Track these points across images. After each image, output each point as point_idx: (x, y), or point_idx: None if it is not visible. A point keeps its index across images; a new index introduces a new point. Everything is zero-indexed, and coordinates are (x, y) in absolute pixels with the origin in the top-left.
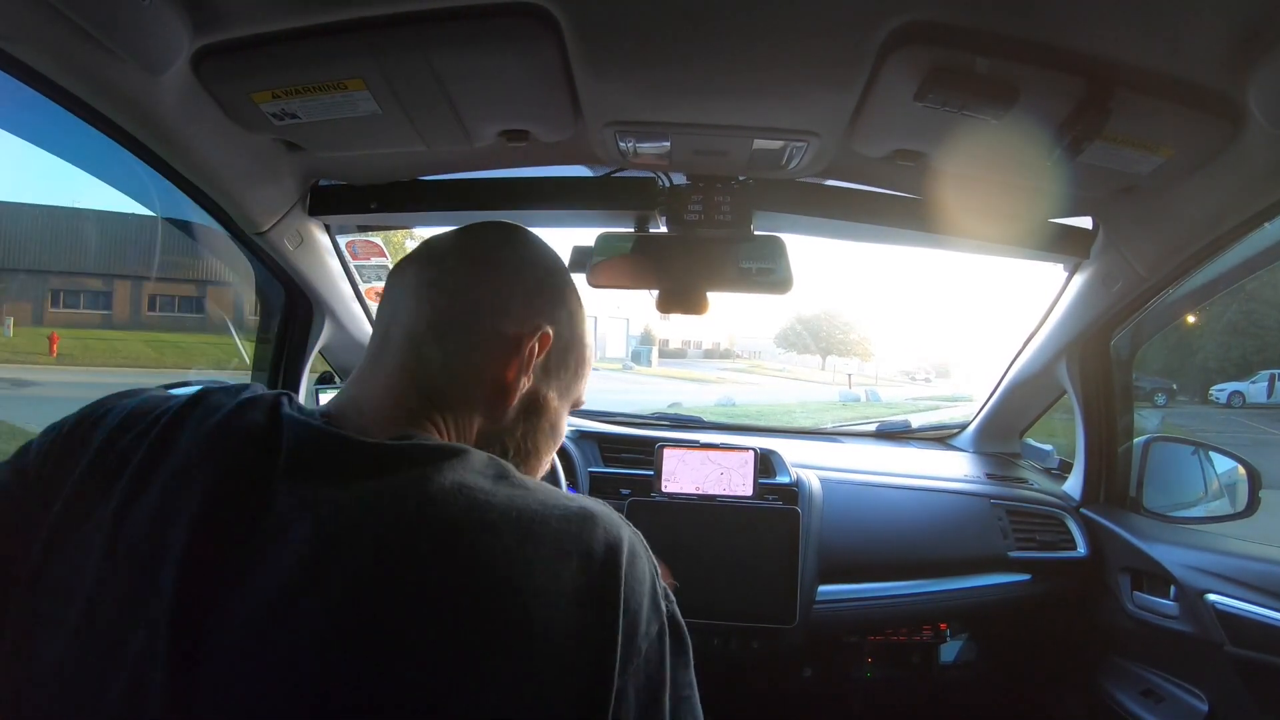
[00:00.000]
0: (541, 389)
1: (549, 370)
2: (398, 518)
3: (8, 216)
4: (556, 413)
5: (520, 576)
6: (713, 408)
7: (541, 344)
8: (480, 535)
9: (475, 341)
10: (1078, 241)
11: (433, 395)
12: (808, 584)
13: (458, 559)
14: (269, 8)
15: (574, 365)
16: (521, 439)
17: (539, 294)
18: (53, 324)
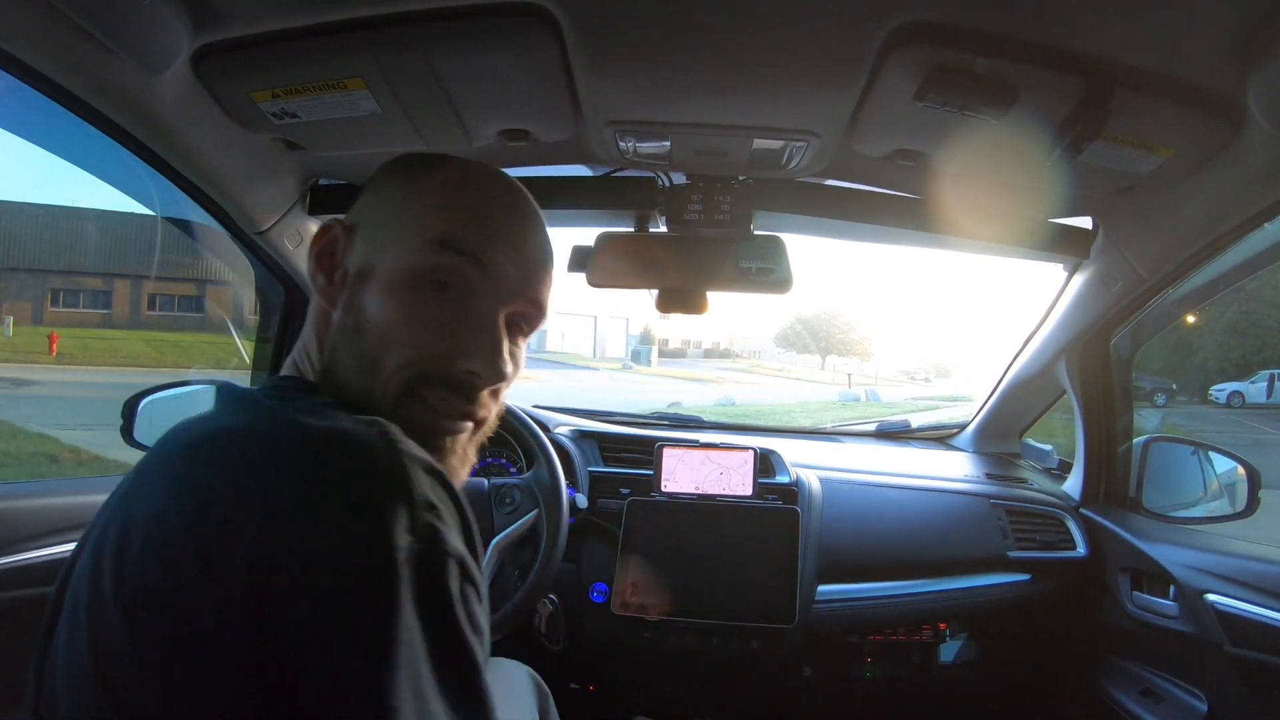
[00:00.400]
0: (362, 263)
1: (362, 255)
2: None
3: (8, 216)
4: (390, 273)
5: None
6: (712, 407)
7: (329, 237)
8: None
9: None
10: (1078, 241)
11: (302, 334)
12: (807, 584)
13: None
14: (269, 7)
15: (398, 229)
16: (346, 327)
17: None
18: (53, 323)
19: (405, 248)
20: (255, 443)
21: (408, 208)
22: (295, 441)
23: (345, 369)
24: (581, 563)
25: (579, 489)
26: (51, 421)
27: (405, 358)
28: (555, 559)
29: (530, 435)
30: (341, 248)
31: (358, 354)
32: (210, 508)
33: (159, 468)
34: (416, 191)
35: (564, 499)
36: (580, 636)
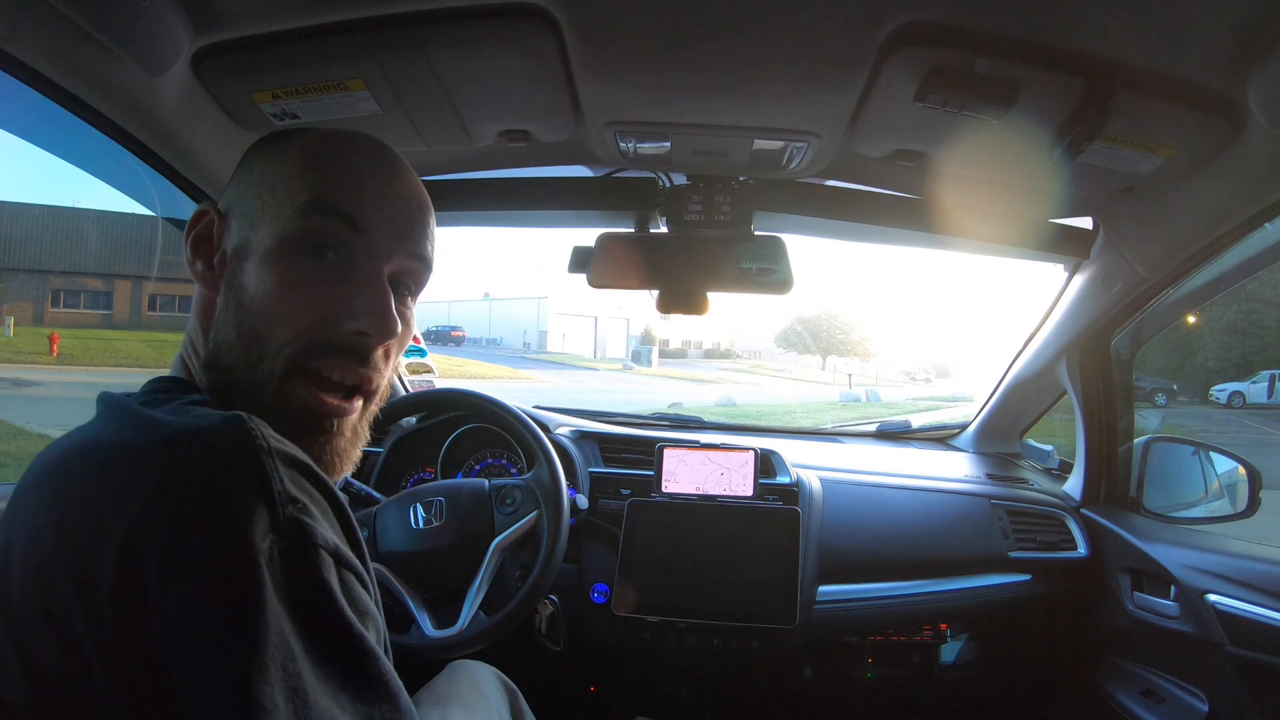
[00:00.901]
0: (238, 243)
1: (238, 234)
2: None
3: (8, 216)
4: (267, 245)
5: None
6: (713, 408)
7: (204, 223)
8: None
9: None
10: (1078, 242)
11: (188, 326)
12: (808, 584)
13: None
14: (269, 8)
15: (268, 200)
16: (228, 306)
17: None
18: (53, 324)
19: (277, 218)
20: (116, 452)
21: (275, 179)
22: (153, 444)
23: (231, 351)
24: (582, 563)
25: (579, 489)
26: (52, 422)
27: (292, 330)
28: (556, 559)
29: (530, 436)
30: (217, 231)
31: (243, 333)
32: (78, 525)
33: (32, 486)
34: (280, 162)
35: (564, 499)
36: (581, 637)
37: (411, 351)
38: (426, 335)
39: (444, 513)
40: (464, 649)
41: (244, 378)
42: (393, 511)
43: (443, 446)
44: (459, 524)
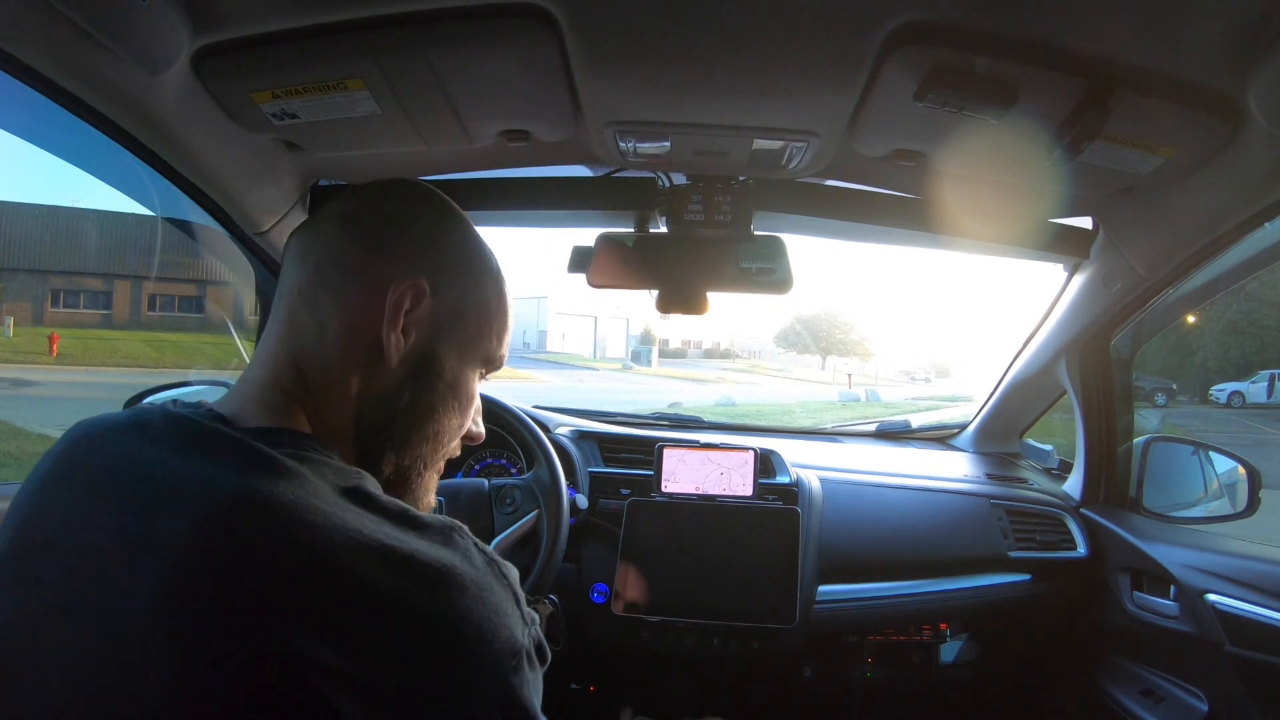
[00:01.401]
0: (431, 346)
1: (438, 326)
2: (219, 514)
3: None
4: (455, 373)
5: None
6: (713, 408)
7: (414, 296)
8: (282, 560)
9: (343, 299)
10: (1077, 241)
11: (307, 366)
12: (808, 584)
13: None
14: (269, 8)
15: (474, 322)
16: (411, 401)
17: (413, 242)
18: (53, 324)
19: (474, 357)
20: (396, 568)
21: (484, 323)
22: (427, 569)
23: (410, 441)
24: (582, 563)
25: (579, 489)
26: (52, 422)
27: (455, 440)
28: (555, 559)
29: (530, 436)
30: (417, 312)
31: (427, 435)
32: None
33: (193, 538)
34: (489, 309)
35: (564, 499)
36: (581, 637)
37: None
38: None
39: (443, 512)
40: None
41: (408, 467)
42: None
43: None
44: None
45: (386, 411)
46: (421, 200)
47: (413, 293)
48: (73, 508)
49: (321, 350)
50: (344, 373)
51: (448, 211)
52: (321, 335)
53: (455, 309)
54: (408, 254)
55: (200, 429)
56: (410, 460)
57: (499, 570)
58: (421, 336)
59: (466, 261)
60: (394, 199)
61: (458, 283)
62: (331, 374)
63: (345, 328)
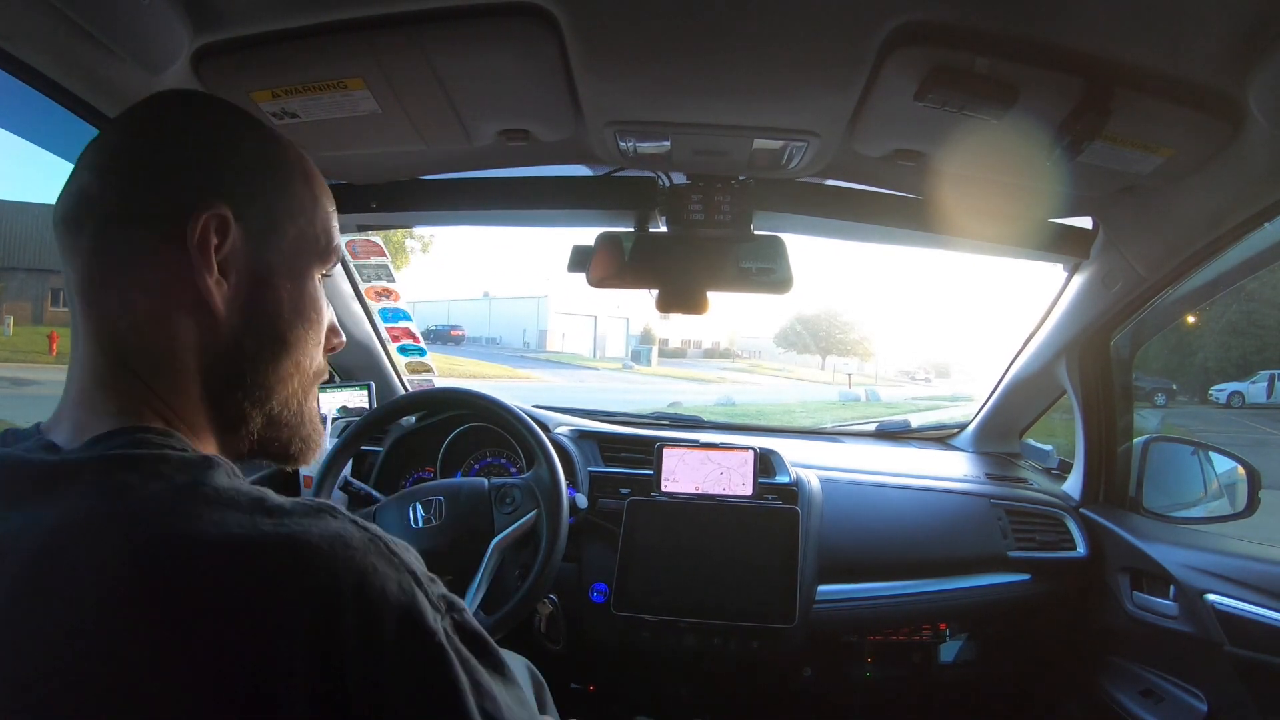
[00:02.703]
0: (258, 274)
1: (257, 249)
2: (38, 555)
3: (8, 216)
4: (293, 292)
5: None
6: (713, 407)
7: (219, 230)
8: (146, 580)
9: (138, 263)
10: (1077, 241)
11: (127, 355)
12: (807, 584)
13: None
14: (269, 7)
15: (295, 228)
16: (258, 344)
17: (196, 167)
18: (53, 323)
19: (307, 252)
20: (251, 561)
21: (299, 210)
22: (310, 545)
23: (271, 378)
24: (582, 563)
25: (579, 489)
26: None
27: (319, 352)
28: (555, 559)
29: (530, 435)
30: (229, 239)
31: (287, 362)
32: (229, 636)
33: (114, 589)
34: (298, 192)
35: (564, 499)
36: (580, 636)
37: (411, 351)
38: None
39: (443, 512)
40: None
41: (283, 407)
42: (392, 511)
43: (442, 446)
44: (458, 523)
45: (235, 367)
46: (188, 112)
47: (216, 224)
48: None
49: (135, 328)
50: (169, 344)
51: (223, 115)
52: (130, 312)
53: (268, 222)
54: (192, 181)
55: (14, 464)
56: (280, 404)
57: (385, 547)
58: (242, 269)
59: (262, 164)
60: (156, 122)
61: (260, 192)
62: (154, 351)
63: (152, 293)
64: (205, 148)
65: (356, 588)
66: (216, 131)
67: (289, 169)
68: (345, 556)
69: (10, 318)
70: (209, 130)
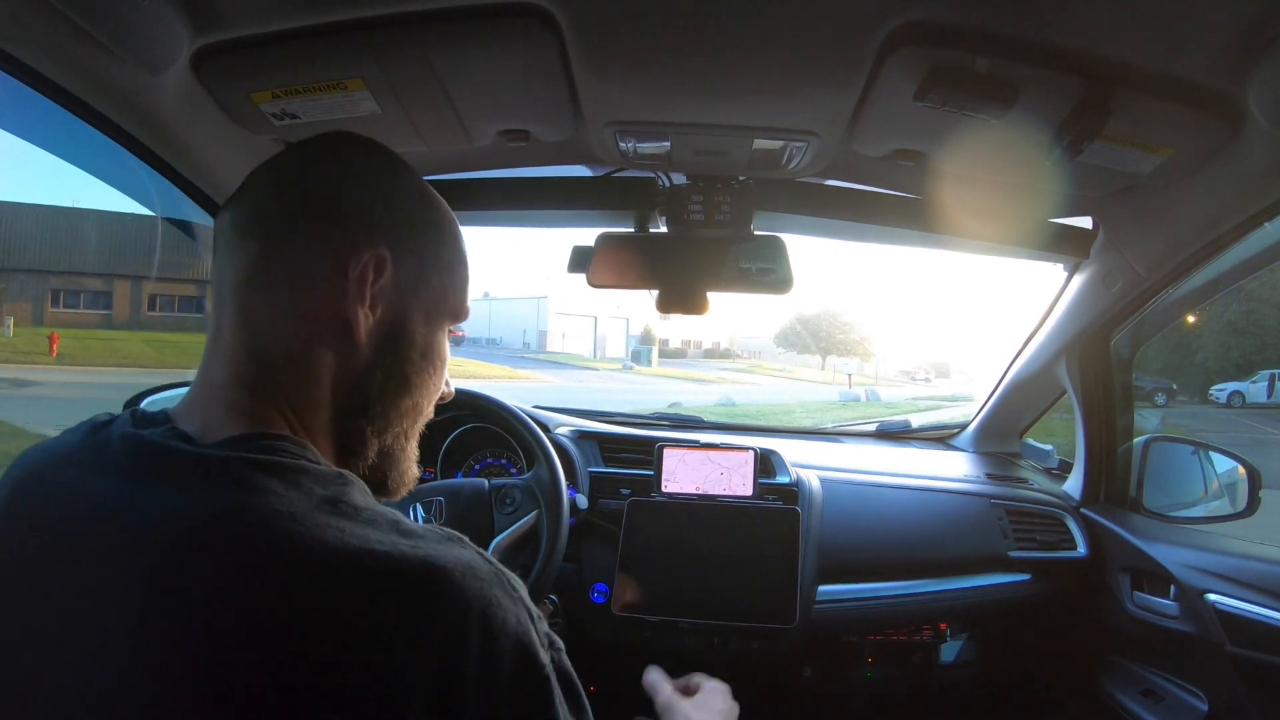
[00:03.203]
0: (400, 315)
1: (404, 293)
2: (182, 542)
3: (8, 216)
4: (426, 338)
5: (327, 643)
6: (713, 408)
7: (377, 268)
8: (282, 583)
9: (299, 280)
10: (1077, 241)
11: (270, 358)
12: (807, 584)
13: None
14: (269, 7)
15: (438, 282)
16: (385, 377)
17: (367, 208)
18: (53, 324)
19: (442, 313)
20: (409, 569)
21: (446, 274)
22: (441, 568)
23: (390, 416)
24: (582, 563)
25: (579, 489)
26: (52, 422)
27: (434, 402)
28: (555, 559)
29: (530, 435)
30: (384, 278)
31: (407, 405)
32: (361, 645)
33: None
34: (449, 256)
35: (564, 499)
36: (580, 637)
37: None
38: None
39: (444, 513)
40: None
41: (395, 443)
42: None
43: (442, 446)
44: (458, 524)
45: (362, 393)
46: (365, 156)
47: (375, 263)
48: (24, 562)
49: (284, 339)
50: (312, 359)
51: (395, 165)
52: (282, 322)
53: (417, 271)
54: (362, 220)
55: (158, 449)
56: (393, 438)
57: (507, 582)
58: (387, 307)
59: (422, 219)
60: (335, 158)
61: (417, 244)
62: (298, 363)
63: (306, 311)
64: (378, 193)
65: (482, 616)
66: (388, 181)
67: (445, 228)
68: (474, 585)
69: (10, 318)
70: (380, 178)
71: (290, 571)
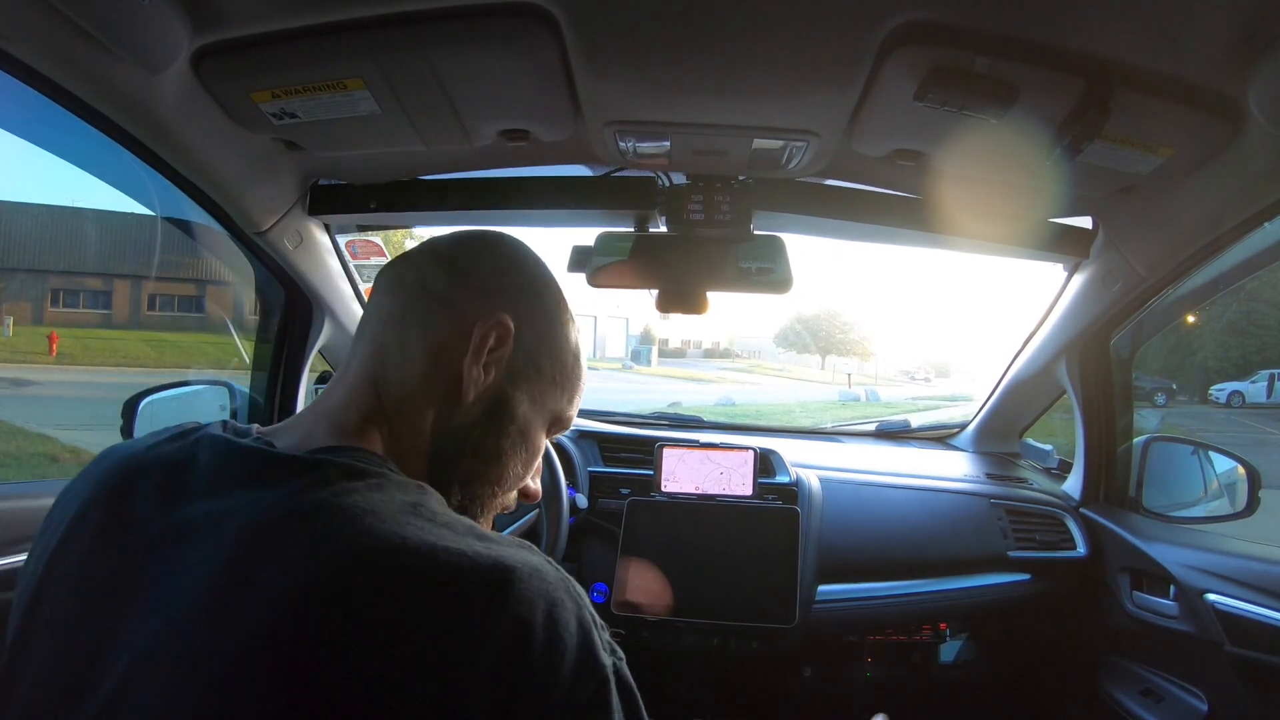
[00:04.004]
0: (507, 389)
1: (515, 370)
2: (258, 531)
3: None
4: (526, 420)
5: (394, 634)
6: (712, 407)
7: (499, 335)
8: (358, 572)
9: (429, 329)
10: (1077, 241)
11: (386, 389)
12: (807, 584)
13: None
14: (269, 7)
15: (549, 372)
16: (481, 438)
17: (502, 285)
18: (52, 323)
19: (546, 410)
20: (479, 572)
21: (558, 381)
22: (510, 571)
23: (475, 480)
24: (581, 563)
25: (579, 489)
26: (51, 422)
27: (515, 488)
28: (555, 559)
29: None
30: (501, 352)
31: (492, 476)
32: (429, 641)
33: (317, 573)
34: (565, 368)
35: (564, 499)
36: None
37: None
38: None
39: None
40: None
41: (467, 504)
42: None
43: None
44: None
45: (458, 446)
46: (514, 250)
47: (498, 331)
48: (130, 560)
49: (402, 375)
50: (422, 400)
51: (540, 268)
52: (405, 360)
53: (533, 357)
54: (497, 296)
55: (252, 453)
56: (470, 500)
57: (572, 587)
58: (500, 377)
59: (550, 316)
60: (490, 246)
61: (540, 333)
62: (409, 400)
63: (428, 356)
64: (509, 267)
65: (547, 616)
66: (532, 273)
67: (568, 337)
68: (542, 587)
69: (10, 318)
70: (525, 267)
71: (372, 559)
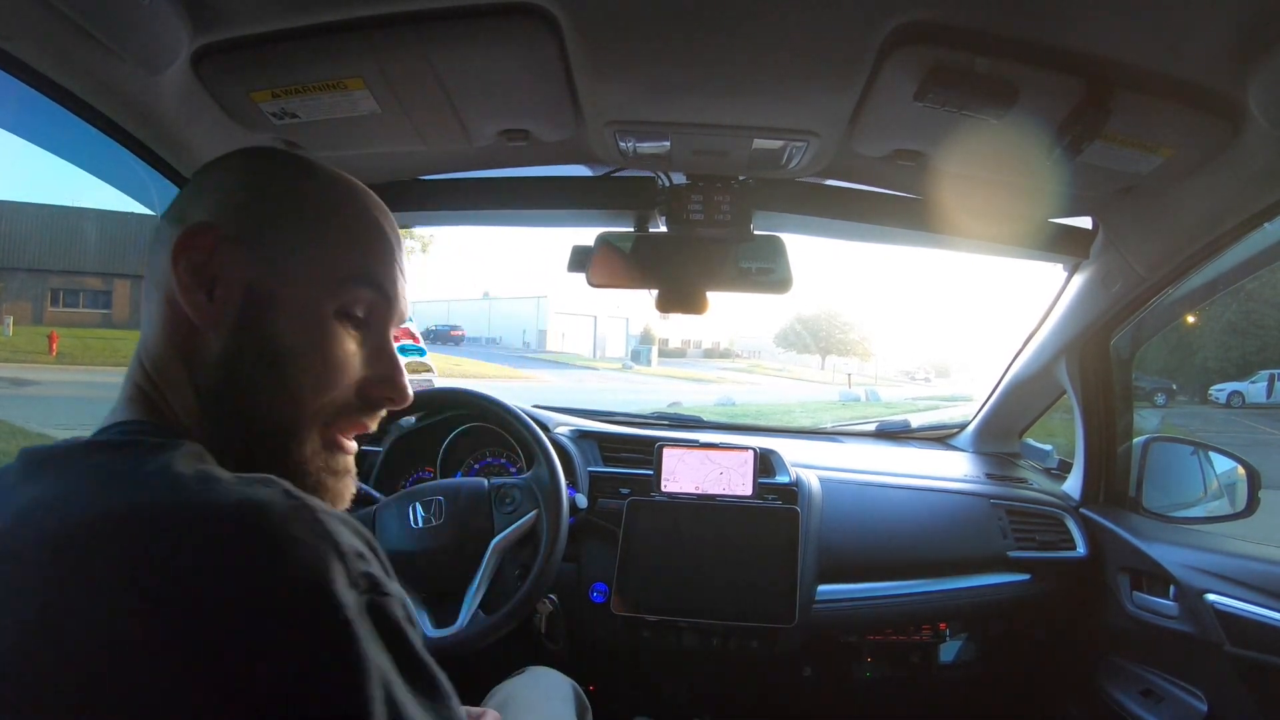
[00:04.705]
0: (255, 295)
1: (255, 268)
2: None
3: (8, 216)
4: (304, 304)
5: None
6: (712, 407)
7: (202, 246)
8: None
9: (152, 276)
10: (1077, 241)
11: (146, 358)
12: (807, 584)
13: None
14: (269, 7)
15: (292, 235)
16: (255, 357)
17: (208, 195)
18: (52, 323)
19: (319, 281)
20: (162, 529)
21: (316, 238)
22: (209, 520)
23: (259, 400)
24: (581, 563)
25: (579, 489)
26: (51, 422)
27: (329, 391)
28: (555, 559)
29: (530, 435)
30: (219, 257)
31: (277, 387)
32: (151, 618)
33: (34, 573)
34: (320, 220)
35: (564, 499)
36: (580, 636)
37: (410, 351)
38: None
39: (443, 512)
40: (463, 648)
41: (276, 425)
42: (392, 511)
43: (442, 446)
44: (458, 523)
45: (225, 375)
46: (235, 155)
47: (197, 241)
48: None
49: (151, 338)
50: (170, 356)
51: (265, 156)
52: (150, 322)
53: (259, 231)
54: (198, 206)
55: (37, 450)
56: (281, 441)
57: (310, 515)
58: (235, 287)
59: (281, 192)
60: (211, 166)
61: (274, 215)
62: (160, 362)
63: (157, 307)
64: (226, 177)
65: (269, 555)
66: (246, 167)
67: (300, 172)
68: (259, 523)
69: (10, 318)
70: (239, 165)
71: (72, 545)
